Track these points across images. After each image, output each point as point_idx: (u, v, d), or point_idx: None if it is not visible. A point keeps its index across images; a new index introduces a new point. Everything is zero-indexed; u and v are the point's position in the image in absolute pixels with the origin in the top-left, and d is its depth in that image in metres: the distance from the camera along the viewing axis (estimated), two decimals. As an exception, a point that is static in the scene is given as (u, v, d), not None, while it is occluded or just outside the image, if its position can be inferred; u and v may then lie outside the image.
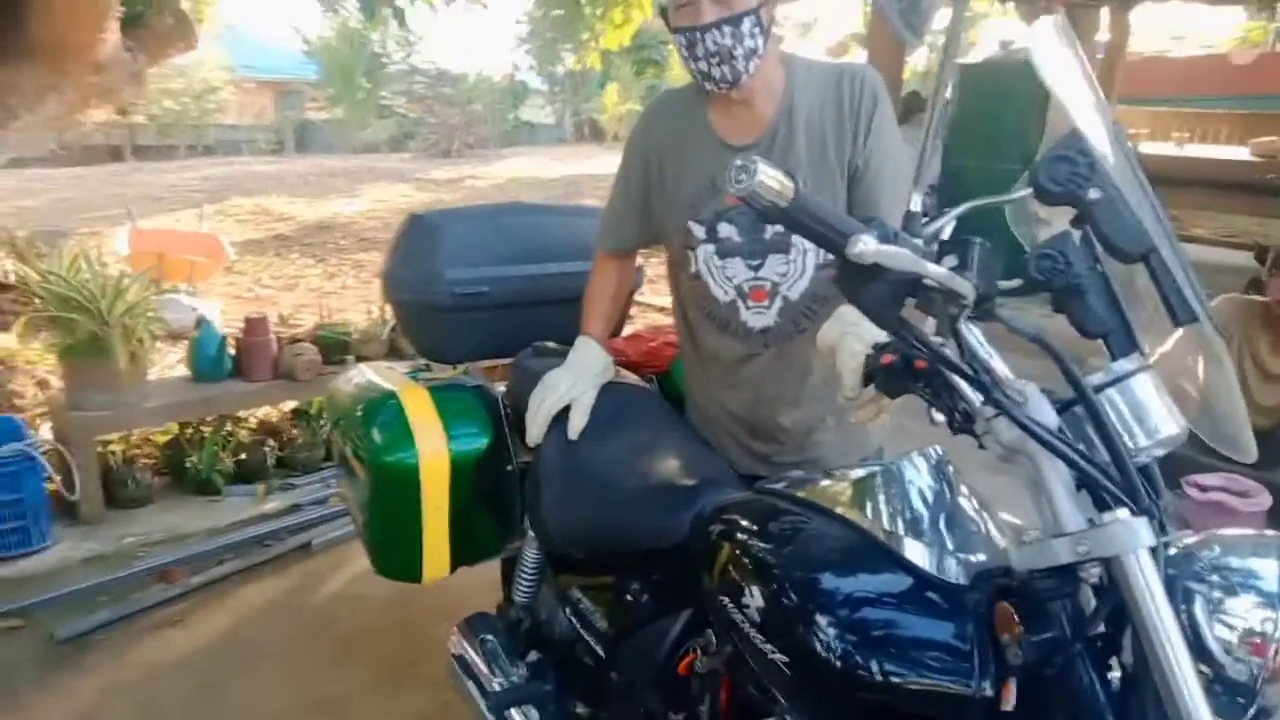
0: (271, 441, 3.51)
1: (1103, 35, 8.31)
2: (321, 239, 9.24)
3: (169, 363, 4.63)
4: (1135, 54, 10.43)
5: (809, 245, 1.57)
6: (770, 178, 0.83)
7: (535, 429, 1.68)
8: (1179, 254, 0.89)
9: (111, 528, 3.05)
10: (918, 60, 16.33)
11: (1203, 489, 3.39)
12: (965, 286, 0.85)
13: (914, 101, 7.26)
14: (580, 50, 11.47)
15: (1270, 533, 0.97)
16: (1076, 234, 0.99)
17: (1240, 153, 6.69)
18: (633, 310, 2.32)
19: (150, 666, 2.43)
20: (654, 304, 6.18)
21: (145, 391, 3.19)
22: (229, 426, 3.53)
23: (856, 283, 0.87)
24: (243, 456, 3.41)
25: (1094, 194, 0.88)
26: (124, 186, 13.04)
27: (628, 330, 2.29)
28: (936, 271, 0.83)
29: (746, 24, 1.44)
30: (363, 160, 18.94)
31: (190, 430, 3.44)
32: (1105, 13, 8.02)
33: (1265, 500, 3.32)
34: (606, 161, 17.40)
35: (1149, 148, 7.15)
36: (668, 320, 2.15)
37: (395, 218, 10.67)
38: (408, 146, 21.58)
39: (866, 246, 0.80)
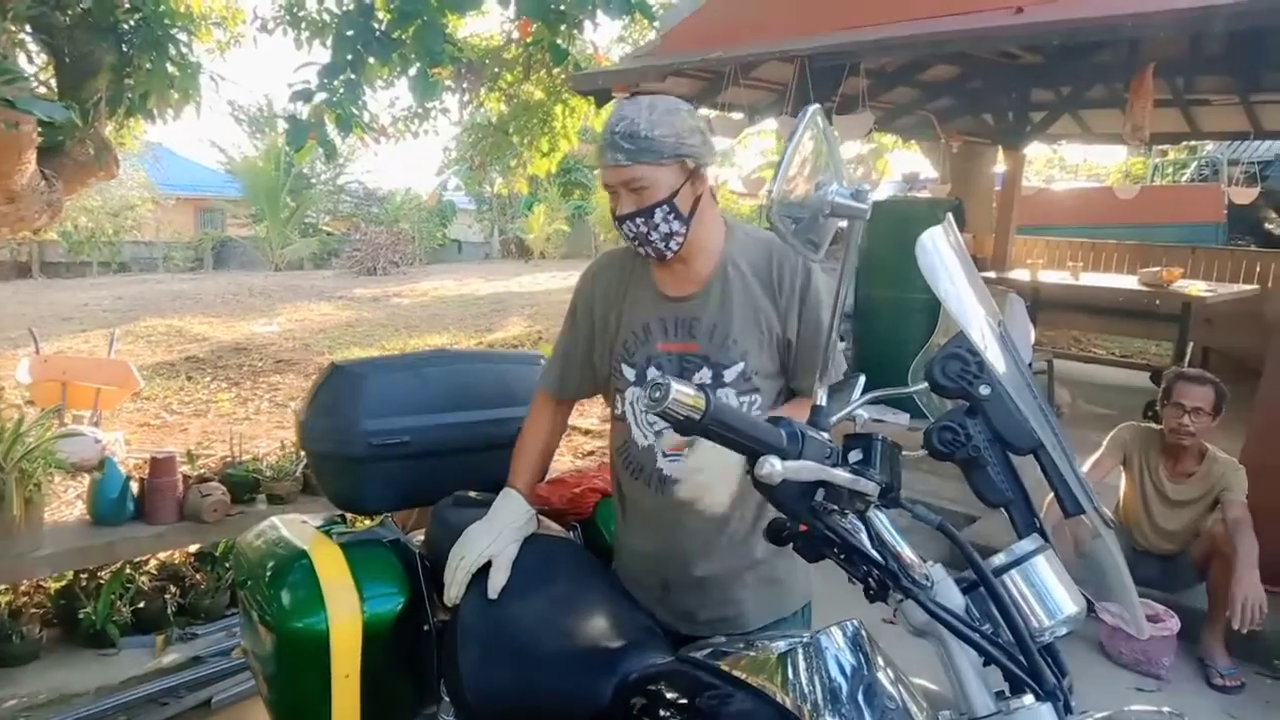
0: (172, 588, 3.33)
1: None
2: (236, 361, 9.04)
3: (68, 498, 4.40)
4: (1030, 188, 11.20)
5: (730, 391, 1.62)
6: (683, 394, 0.87)
7: (454, 589, 1.64)
8: (1066, 449, 0.95)
9: (-10, 689, 2.83)
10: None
11: (1114, 614, 3.48)
12: (869, 486, 0.89)
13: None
14: (508, 176, 11.77)
15: (1167, 709, 1.00)
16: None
17: (1130, 280, 7.14)
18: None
19: None
20: (579, 426, 6.20)
21: (40, 538, 3.01)
22: (128, 571, 3.34)
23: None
24: (141, 605, 3.22)
25: (984, 390, 0.94)
26: (30, 305, 12.65)
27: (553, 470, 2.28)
28: (841, 477, 0.87)
29: (659, 214, 1.54)
30: (284, 278, 18.80)
31: (86, 576, 3.25)
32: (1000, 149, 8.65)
33: (1174, 624, 3.42)
34: (532, 279, 17.66)
35: (1050, 276, 7.58)
36: (590, 444, 2.15)
37: (314, 337, 10.61)
38: (331, 264, 21.55)
39: (774, 469, 0.83)
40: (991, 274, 7.44)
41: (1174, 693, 3.25)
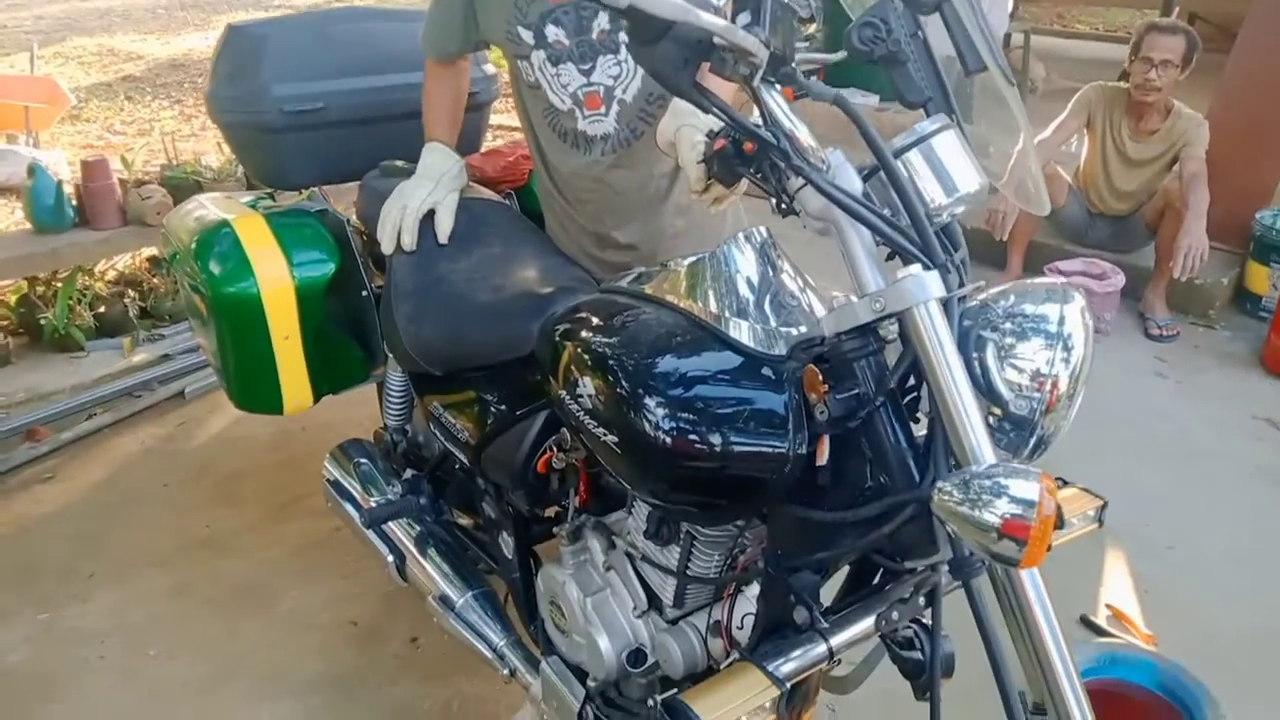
0: (131, 293, 3.34)
1: None
2: (176, 78, 8.51)
3: (16, 219, 4.31)
4: None
5: None
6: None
7: (408, 235, 1.59)
8: (975, 6, 0.88)
9: (-35, 393, 2.91)
10: None
11: (1064, 274, 3.58)
12: (753, 43, 0.81)
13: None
14: None
15: (1061, 279, 1.02)
16: (899, 3, 0.97)
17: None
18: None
19: (21, 523, 2.38)
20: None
21: (-20, 248, 2.97)
22: (84, 280, 3.33)
23: (645, 45, 0.83)
24: (102, 310, 3.24)
25: (886, -62, 0.84)
26: (-58, 29, 11.66)
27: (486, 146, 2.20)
28: (715, 23, 0.79)
29: None
30: (217, -13, 17.24)
31: (41, 286, 3.24)
32: None
33: (1119, 280, 3.53)
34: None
35: (1034, -61, 7.02)
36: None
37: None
38: (268, -29, 19.70)
39: (618, -13, 0.75)
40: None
41: (1111, 343, 3.40)
